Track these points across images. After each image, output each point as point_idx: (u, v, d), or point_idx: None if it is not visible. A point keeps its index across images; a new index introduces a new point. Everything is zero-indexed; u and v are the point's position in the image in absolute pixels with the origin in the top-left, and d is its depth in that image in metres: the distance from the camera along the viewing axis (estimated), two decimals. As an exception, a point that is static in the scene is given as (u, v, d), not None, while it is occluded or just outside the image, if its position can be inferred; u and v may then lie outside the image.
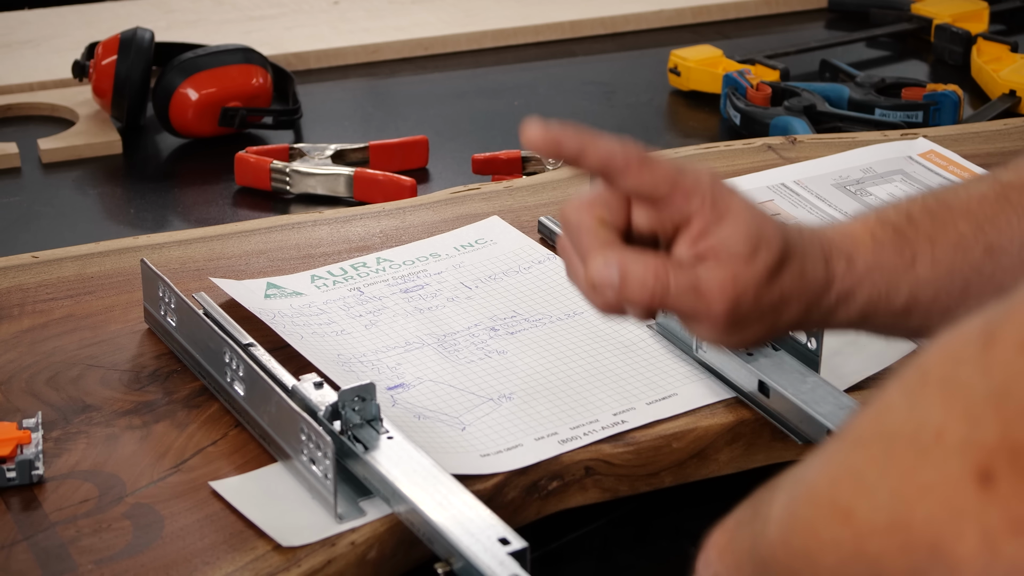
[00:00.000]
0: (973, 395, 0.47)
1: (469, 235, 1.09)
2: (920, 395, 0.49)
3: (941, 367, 0.49)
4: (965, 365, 0.48)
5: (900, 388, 0.51)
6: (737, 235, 0.73)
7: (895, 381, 0.51)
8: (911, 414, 0.49)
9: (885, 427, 0.50)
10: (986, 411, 0.46)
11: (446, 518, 0.76)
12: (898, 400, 0.50)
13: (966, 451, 0.47)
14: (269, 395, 0.84)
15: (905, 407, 0.50)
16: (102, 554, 0.77)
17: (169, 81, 1.36)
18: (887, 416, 0.51)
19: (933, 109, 1.39)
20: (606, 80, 1.57)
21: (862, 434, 0.52)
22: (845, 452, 0.52)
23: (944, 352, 0.50)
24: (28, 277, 1.03)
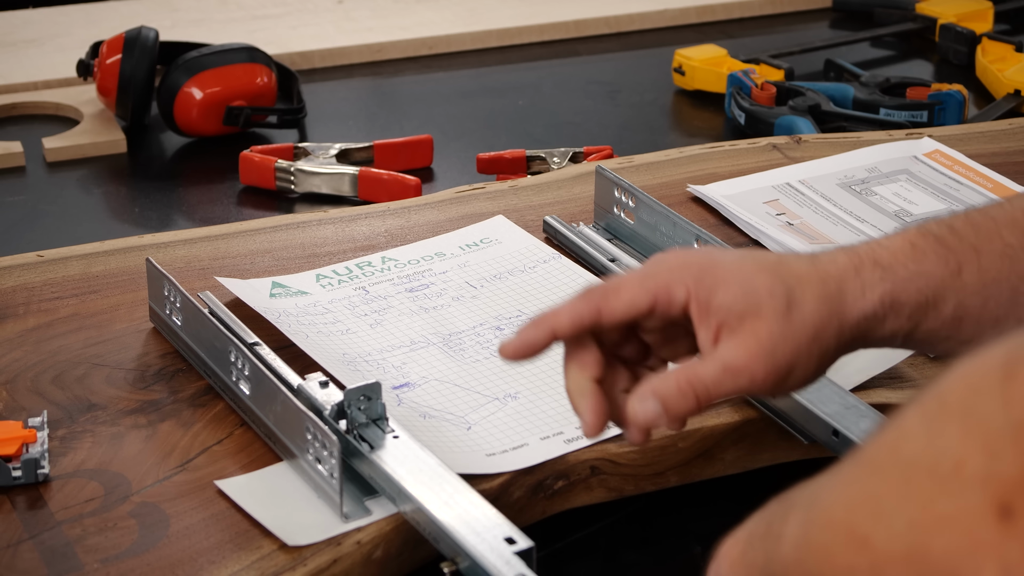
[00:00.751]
0: (993, 428, 0.47)
1: (474, 234, 1.09)
2: (939, 424, 0.49)
3: (961, 397, 0.49)
4: (985, 397, 0.48)
5: (919, 415, 0.50)
6: (735, 297, 0.72)
7: (913, 407, 0.51)
8: (930, 443, 0.49)
9: (903, 454, 0.50)
10: (1006, 445, 0.46)
11: (452, 517, 0.76)
12: (916, 427, 0.50)
13: (986, 484, 0.47)
14: (275, 394, 0.84)
15: (924, 435, 0.49)
16: (108, 553, 0.77)
17: (173, 80, 1.36)
18: (905, 443, 0.50)
19: (938, 109, 1.39)
20: (610, 79, 1.57)
21: (879, 460, 0.51)
22: (863, 478, 0.52)
23: (964, 382, 0.49)
24: (33, 276, 1.03)
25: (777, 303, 0.72)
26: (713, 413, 0.89)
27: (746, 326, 0.71)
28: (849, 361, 0.92)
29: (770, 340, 0.71)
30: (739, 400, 0.90)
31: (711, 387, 0.71)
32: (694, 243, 1.01)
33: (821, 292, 0.73)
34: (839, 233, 1.11)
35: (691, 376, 0.72)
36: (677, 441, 0.87)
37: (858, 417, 0.84)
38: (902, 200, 1.16)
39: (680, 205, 1.14)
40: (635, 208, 1.06)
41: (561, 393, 0.90)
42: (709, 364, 0.72)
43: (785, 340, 0.72)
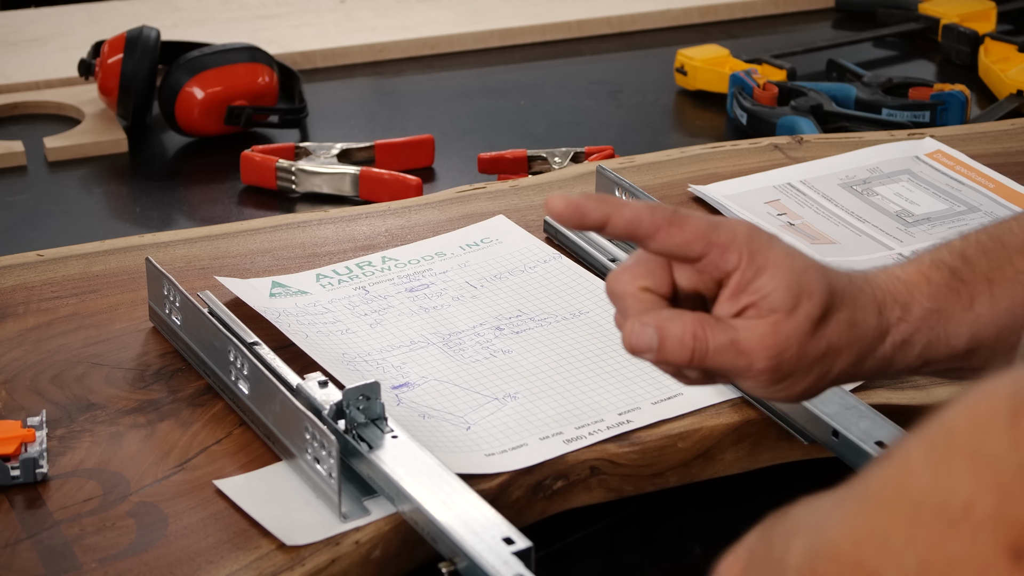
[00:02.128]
0: (1003, 470, 0.47)
1: (474, 234, 1.09)
2: (946, 462, 0.49)
3: (967, 435, 0.48)
4: (993, 437, 0.47)
5: (924, 451, 0.50)
6: (777, 288, 0.71)
7: (918, 442, 0.51)
8: (936, 481, 0.49)
9: (909, 491, 0.50)
10: (1017, 487, 0.46)
11: (450, 517, 0.76)
12: (922, 464, 0.50)
13: (998, 526, 0.46)
14: (273, 394, 0.83)
15: (930, 473, 0.49)
16: (106, 552, 0.77)
17: (175, 80, 1.36)
18: (911, 480, 0.50)
19: (940, 109, 1.39)
20: (612, 79, 1.57)
21: (885, 496, 0.51)
22: (868, 513, 0.51)
23: (970, 419, 0.49)
24: (33, 275, 1.03)
25: (812, 311, 0.71)
26: (713, 413, 0.89)
27: (772, 318, 0.71)
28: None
29: (786, 341, 0.71)
30: (739, 400, 0.89)
31: (711, 353, 0.71)
32: (695, 243, 1.00)
33: (849, 318, 0.73)
34: (840, 233, 1.10)
35: (698, 332, 0.71)
36: (677, 441, 0.87)
37: (858, 418, 0.84)
38: (904, 200, 1.16)
39: (681, 205, 1.14)
40: (636, 208, 1.06)
41: (560, 393, 0.90)
42: (720, 332, 0.71)
43: (799, 347, 0.71)
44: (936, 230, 1.11)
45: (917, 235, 1.10)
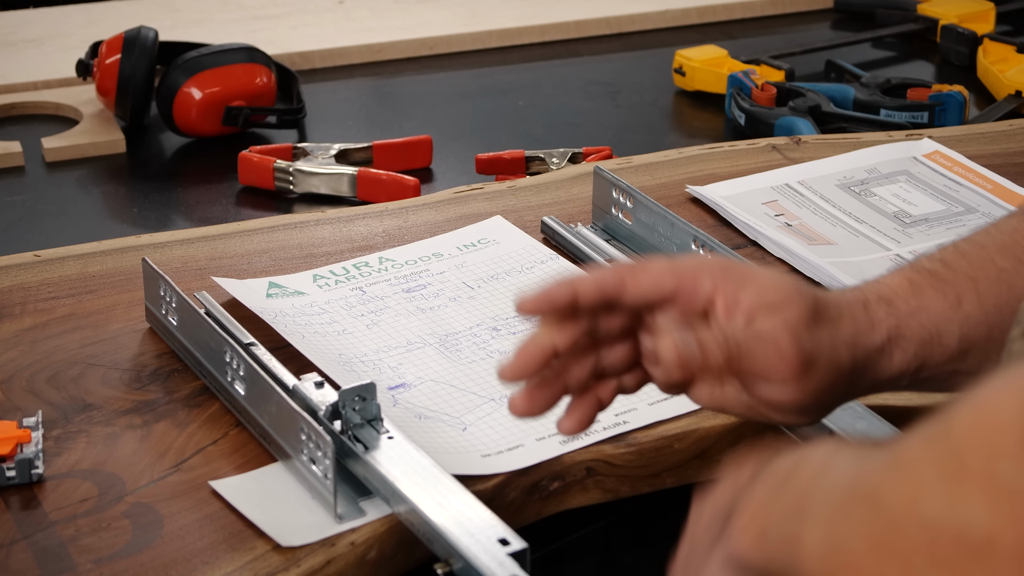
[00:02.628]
0: (1022, 498, 0.47)
1: (472, 235, 1.09)
2: (960, 489, 0.49)
3: (980, 460, 0.48)
4: (1008, 463, 0.47)
5: (935, 469, 0.50)
6: (766, 288, 0.71)
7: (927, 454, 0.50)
8: (952, 507, 0.49)
9: (924, 513, 0.50)
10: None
11: (446, 518, 0.76)
12: (934, 483, 0.50)
13: (1022, 560, 0.46)
14: (269, 394, 0.83)
15: (944, 495, 0.49)
16: (101, 553, 0.77)
17: (173, 80, 1.36)
18: (924, 500, 0.50)
19: (938, 110, 1.39)
20: (611, 80, 1.56)
21: (898, 514, 0.51)
22: (885, 531, 0.51)
23: (981, 440, 0.49)
24: (30, 276, 1.03)
25: (806, 304, 0.71)
26: (709, 414, 0.88)
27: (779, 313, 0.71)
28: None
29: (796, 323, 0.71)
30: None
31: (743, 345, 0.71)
32: (691, 244, 1.00)
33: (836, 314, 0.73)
34: (838, 234, 1.10)
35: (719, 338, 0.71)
36: (673, 442, 0.87)
37: (854, 419, 0.84)
38: (901, 201, 1.16)
39: (679, 206, 1.14)
40: (633, 209, 1.06)
41: (557, 394, 0.90)
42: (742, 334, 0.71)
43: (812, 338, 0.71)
44: (934, 231, 1.11)
45: (915, 236, 1.10)
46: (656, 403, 0.89)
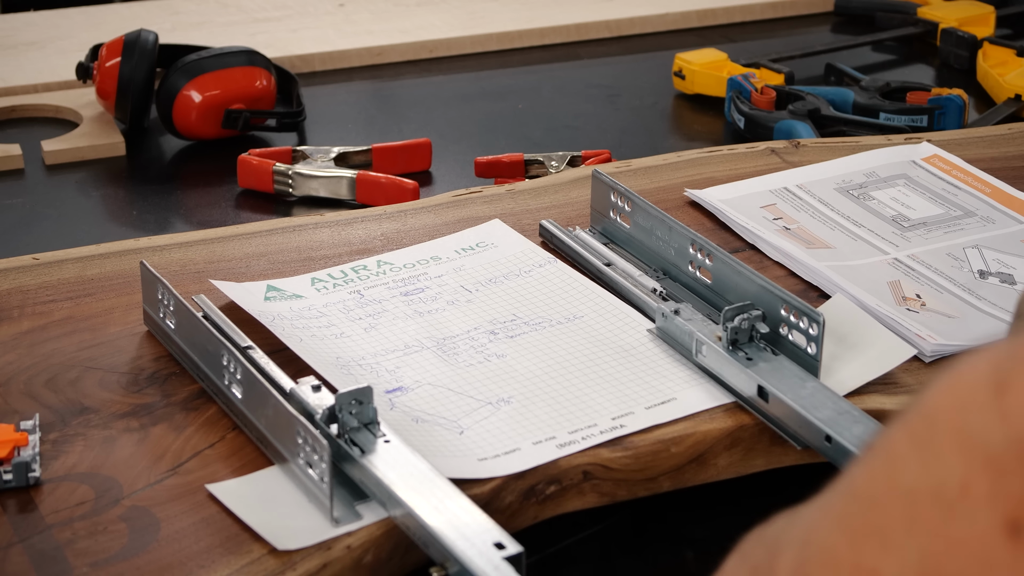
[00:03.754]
0: (993, 445, 0.46)
1: (470, 238, 1.09)
2: (932, 447, 0.48)
3: (951, 417, 0.48)
4: (978, 413, 0.47)
5: (908, 440, 0.50)
6: None
7: (900, 431, 0.50)
8: (927, 467, 0.48)
9: (900, 483, 0.49)
10: (1009, 461, 0.46)
11: (442, 522, 0.76)
12: (908, 453, 0.49)
13: (994, 504, 0.46)
14: (266, 398, 0.83)
15: (918, 461, 0.49)
16: (98, 557, 0.77)
17: (173, 83, 1.36)
18: (900, 471, 0.49)
19: (938, 113, 1.39)
20: (610, 83, 1.57)
21: (875, 491, 0.50)
22: (861, 511, 0.51)
23: (952, 400, 0.48)
24: (28, 279, 1.03)
25: None
26: (706, 418, 0.88)
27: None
28: (843, 366, 0.92)
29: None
30: (732, 405, 0.89)
31: None
32: (689, 248, 1.00)
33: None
34: (836, 238, 1.10)
35: None
36: (670, 446, 0.87)
37: (851, 423, 0.84)
38: (900, 205, 1.16)
39: (677, 209, 1.14)
40: (631, 212, 1.06)
41: (554, 398, 0.90)
42: None
43: None
44: (932, 235, 1.11)
45: (913, 240, 1.10)
46: (653, 407, 0.89)
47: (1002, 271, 1.06)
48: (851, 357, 0.93)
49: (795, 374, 0.89)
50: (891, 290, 1.03)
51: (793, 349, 0.91)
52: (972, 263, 1.07)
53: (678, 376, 0.92)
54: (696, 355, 0.92)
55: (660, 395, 0.90)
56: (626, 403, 0.90)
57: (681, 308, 0.95)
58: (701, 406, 0.89)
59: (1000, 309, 1.01)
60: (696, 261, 1.00)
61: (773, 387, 0.87)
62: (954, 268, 1.06)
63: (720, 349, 0.91)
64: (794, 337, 0.91)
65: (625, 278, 1.02)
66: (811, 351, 0.90)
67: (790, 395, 0.87)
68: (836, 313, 0.96)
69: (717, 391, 0.90)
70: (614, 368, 0.93)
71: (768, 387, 0.87)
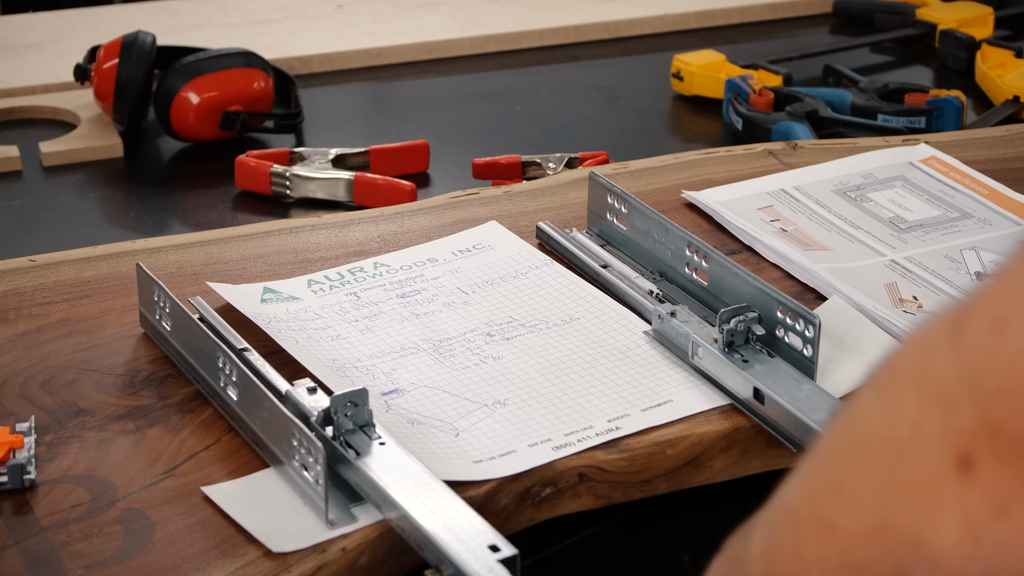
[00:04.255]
0: (946, 381, 0.45)
1: (467, 240, 1.09)
2: (891, 391, 0.48)
3: (910, 360, 0.47)
4: (936, 353, 0.46)
5: (871, 389, 0.49)
6: None
7: (866, 385, 0.50)
8: (884, 412, 0.47)
9: (859, 432, 0.49)
10: (961, 395, 0.45)
11: (436, 525, 0.76)
12: (869, 401, 0.49)
13: (945, 440, 0.45)
14: (262, 400, 0.83)
15: (877, 407, 0.48)
16: (92, 559, 0.77)
17: (170, 85, 1.36)
18: (860, 420, 0.49)
19: (936, 115, 1.39)
20: (609, 85, 1.57)
21: (836, 444, 0.50)
22: (822, 465, 0.51)
23: (913, 345, 0.48)
24: (25, 281, 1.03)
25: None
26: (702, 420, 0.88)
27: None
28: (839, 368, 0.92)
29: None
30: (729, 408, 0.89)
31: None
32: (686, 250, 1.00)
33: None
34: (833, 240, 1.10)
35: None
36: (666, 448, 0.87)
37: (847, 425, 0.84)
38: (897, 207, 1.16)
39: (674, 211, 1.14)
40: (628, 214, 1.06)
41: (550, 400, 0.90)
42: None
43: None
44: (929, 236, 1.11)
45: (910, 241, 1.10)
46: (649, 409, 0.89)
47: (999, 273, 1.06)
48: (847, 359, 0.93)
49: (791, 376, 0.89)
50: (888, 292, 1.02)
51: (789, 351, 0.91)
52: (969, 265, 1.07)
53: (674, 378, 0.92)
54: (692, 357, 0.92)
55: (656, 397, 0.90)
56: (622, 405, 0.89)
57: (677, 310, 0.95)
58: (697, 408, 0.89)
59: (997, 311, 1.00)
60: (692, 263, 1.00)
61: (769, 389, 0.87)
62: (951, 270, 1.06)
63: (716, 351, 0.91)
64: (790, 339, 0.91)
65: (622, 280, 1.02)
66: (807, 353, 0.89)
67: (786, 397, 0.87)
68: (832, 315, 0.96)
69: (713, 393, 0.90)
70: (610, 370, 0.93)
71: (764, 389, 0.87)
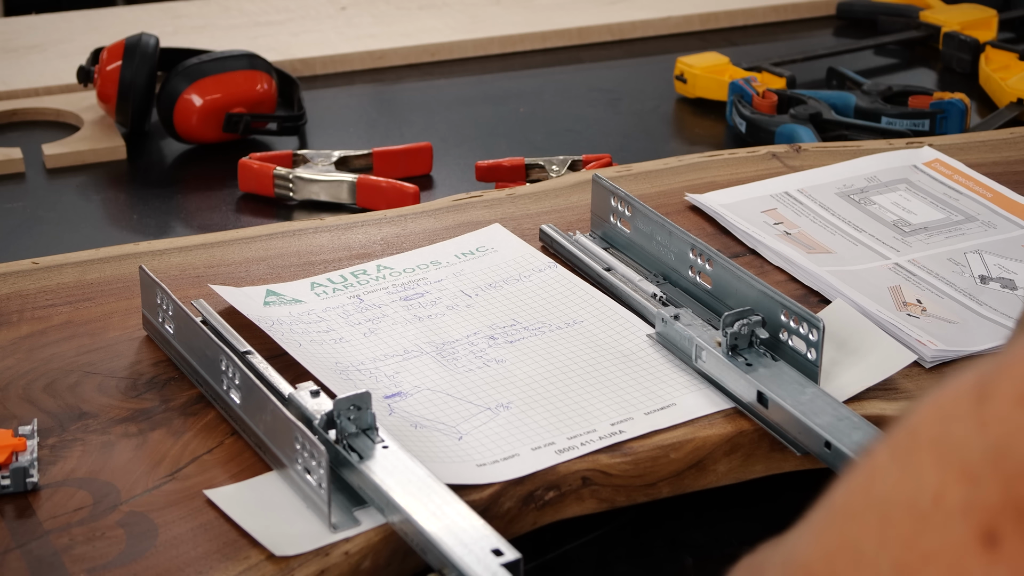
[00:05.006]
0: (970, 453, 0.45)
1: (470, 243, 1.09)
2: (911, 457, 0.47)
3: (931, 426, 0.47)
4: (958, 423, 0.46)
5: (888, 452, 0.49)
6: None
7: (882, 445, 0.49)
8: (904, 478, 0.47)
9: (877, 494, 0.48)
10: (985, 469, 0.45)
11: (439, 528, 0.76)
12: (887, 464, 0.48)
13: (968, 513, 0.45)
14: (265, 403, 0.83)
15: (896, 471, 0.48)
16: (95, 562, 0.77)
17: (173, 87, 1.36)
18: (878, 482, 0.48)
19: (940, 117, 1.38)
20: (612, 87, 1.56)
21: (852, 504, 0.49)
22: (838, 525, 0.50)
23: (934, 410, 0.47)
24: (28, 283, 1.03)
25: None
26: (706, 424, 0.88)
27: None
28: (843, 372, 0.92)
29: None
30: (732, 411, 0.89)
31: None
32: (689, 253, 1.00)
33: None
34: (836, 243, 1.10)
35: None
36: (669, 452, 0.87)
37: (851, 429, 0.84)
38: (901, 210, 1.15)
39: (677, 214, 1.14)
40: (631, 217, 1.06)
41: (553, 403, 0.90)
42: None
43: None
44: (933, 239, 1.11)
45: (914, 245, 1.10)
46: (652, 412, 0.89)
47: (1003, 276, 1.06)
48: (851, 363, 0.92)
49: (795, 380, 0.88)
50: (892, 295, 1.02)
51: (793, 355, 0.90)
52: (973, 268, 1.07)
53: (678, 381, 0.92)
54: (696, 360, 0.92)
55: (659, 400, 0.90)
56: (625, 408, 0.89)
57: (681, 313, 0.95)
58: (701, 412, 0.89)
59: (1001, 314, 1.00)
60: (696, 266, 1.00)
61: (773, 393, 0.87)
62: (955, 273, 1.06)
63: (720, 354, 0.90)
64: (794, 343, 0.91)
65: (625, 283, 1.02)
66: (811, 357, 0.89)
67: (790, 401, 0.86)
68: (836, 318, 0.96)
69: (717, 397, 0.90)
70: (613, 373, 0.93)
71: (768, 393, 0.87)
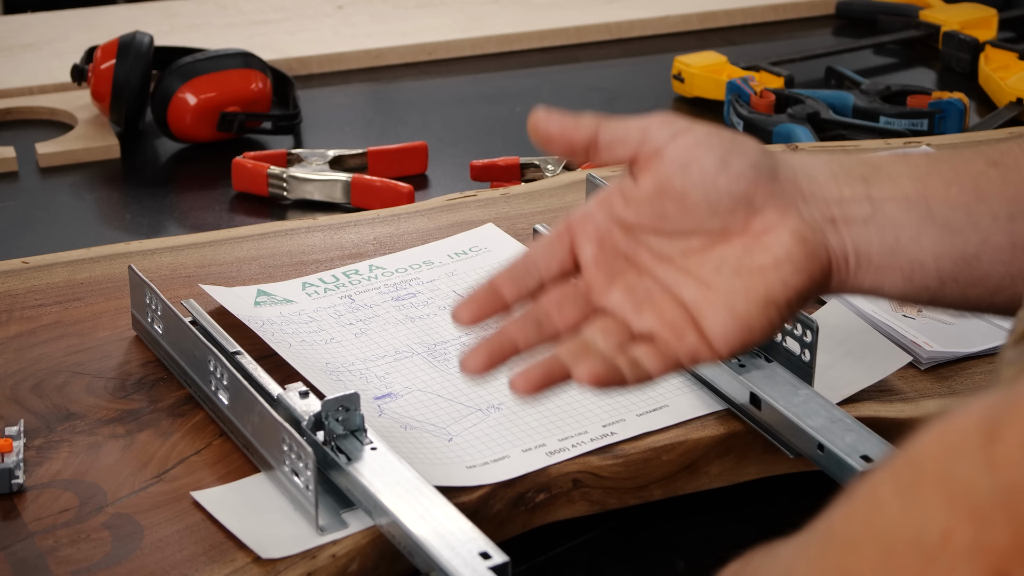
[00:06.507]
0: (978, 494, 0.44)
1: (463, 243, 1.08)
2: (916, 492, 0.46)
3: (937, 462, 0.46)
4: (966, 461, 0.45)
5: (892, 484, 0.48)
6: None
7: (884, 476, 0.48)
8: (908, 513, 0.46)
9: (880, 527, 0.47)
10: (995, 511, 0.44)
11: (427, 531, 0.75)
12: (890, 498, 0.47)
13: (977, 555, 0.44)
14: (252, 404, 0.83)
15: (899, 506, 0.47)
16: (80, 565, 0.76)
17: (167, 85, 1.35)
18: (880, 516, 0.47)
19: (938, 117, 1.38)
20: (610, 86, 1.56)
21: (853, 534, 0.48)
22: (837, 553, 0.49)
23: (940, 446, 0.46)
24: (17, 283, 1.03)
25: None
26: (698, 426, 0.88)
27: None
28: (837, 373, 0.91)
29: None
30: (725, 413, 0.88)
31: None
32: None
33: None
34: (833, 243, 1.09)
35: None
36: (661, 454, 0.86)
37: (844, 431, 0.83)
38: (898, 210, 1.14)
39: (673, 214, 1.13)
40: (625, 217, 1.05)
41: (544, 404, 0.89)
42: None
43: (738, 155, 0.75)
44: (930, 240, 1.10)
45: (910, 245, 1.09)
46: (644, 414, 0.88)
47: (1000, 277, 1.05)
48: (846, 364, 0.92)
49: (788, 381, 0.88)
50: (887, 296, 1.01)
51: (787, 356, 0.90)
52: (970, 269, 1.06)
53: (670, 383, 0.91)
54: (689, 362, 0.91)
55: (651, 402, 0.89)
56: (617, 410, 0.89)
57: (674, 314, 0.94)
58: (693, 413, 0.88)
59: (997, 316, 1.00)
60: (690, 266, 0.99)
61: (766, 394, 0.86)
62: (952, 274, 1.05)
63: (712, 356, 0.90)
64: (788, 344, 0.90)
65: (618, 283, 1.01)
66: (805, 358, 0.89)
67: (783, 402, 0.86)
68: (831, 319, 0.95)
69: (709, 398, 0.89)
70: (606, 375, 0.92)
71: (761, 394, 0.86)
